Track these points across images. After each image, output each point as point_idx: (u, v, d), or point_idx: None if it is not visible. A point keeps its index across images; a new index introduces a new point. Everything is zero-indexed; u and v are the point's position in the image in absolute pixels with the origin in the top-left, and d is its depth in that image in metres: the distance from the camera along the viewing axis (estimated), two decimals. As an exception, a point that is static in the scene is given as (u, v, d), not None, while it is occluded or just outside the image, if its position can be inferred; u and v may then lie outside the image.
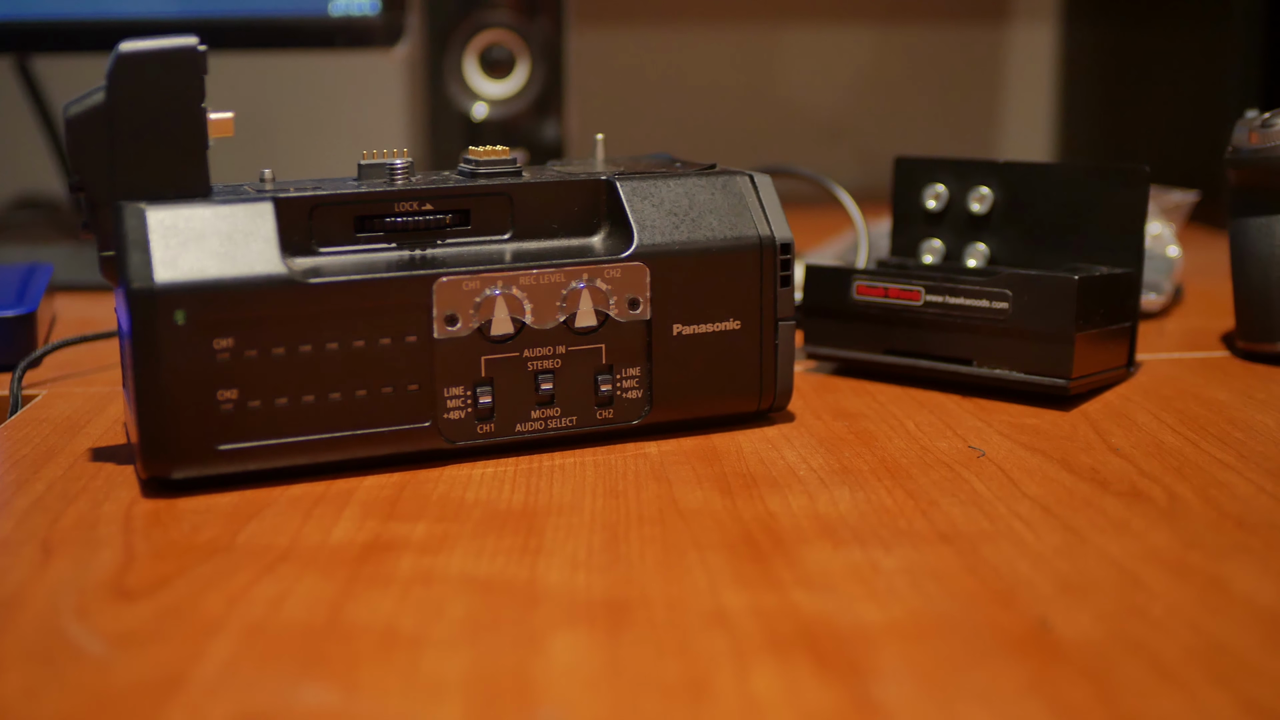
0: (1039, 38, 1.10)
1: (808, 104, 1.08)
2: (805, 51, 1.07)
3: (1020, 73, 1.11)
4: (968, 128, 1.11)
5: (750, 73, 1.07)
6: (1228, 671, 0.29)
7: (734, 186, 0.45)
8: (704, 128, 1.06)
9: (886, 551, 0.36)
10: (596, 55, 1.04)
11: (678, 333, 0.44)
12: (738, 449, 0.44)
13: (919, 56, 1.08)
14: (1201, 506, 0.39)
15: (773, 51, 1.07)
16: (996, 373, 0.48)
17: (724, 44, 1.06)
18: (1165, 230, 0.64)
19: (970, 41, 1.09)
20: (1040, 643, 0.31)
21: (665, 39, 1.05)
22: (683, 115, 1.06)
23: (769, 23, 1.06)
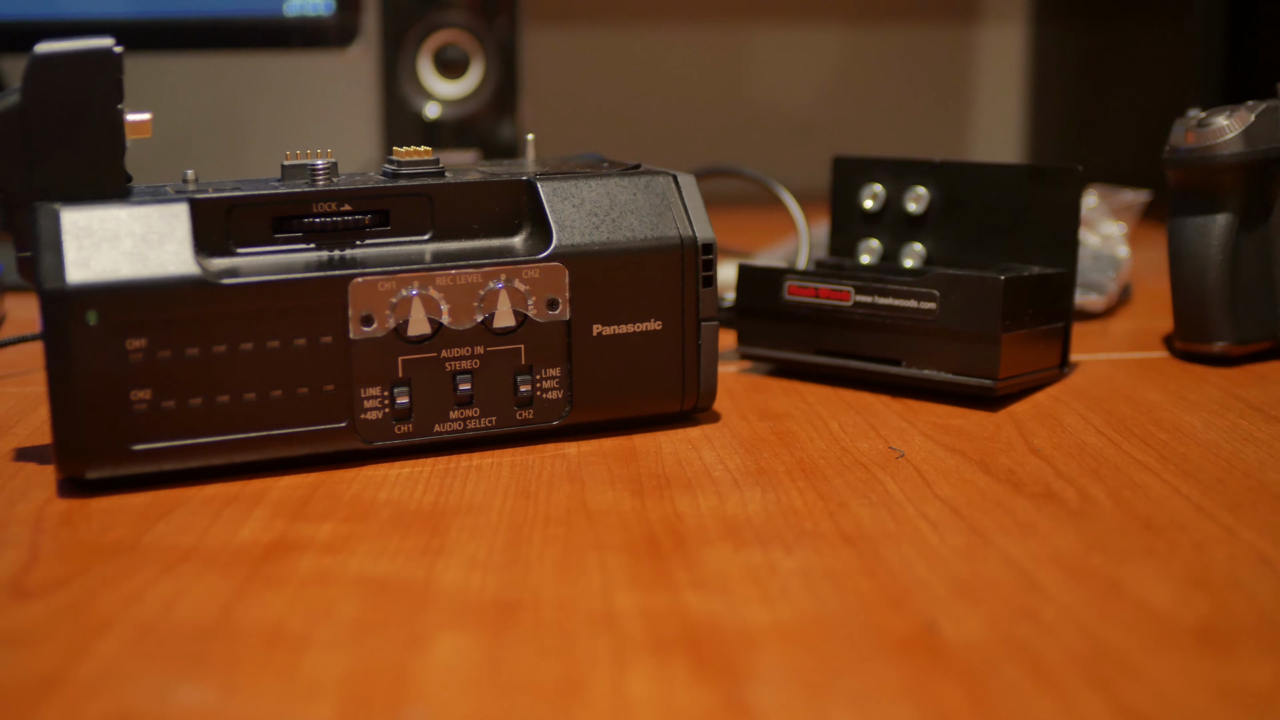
0: (1009, 38, 1.09)
1: (777, 104, 1.08)
2: (774, 51, 1.07)
3: (990, 72, 1.10)
4: (938, 127, 1.11)
5: (719, 73, 1.07)
6: (1108, 675, 0.29)
7: (656, 187, 0.45)
8: (672, 128, 1.06)
9: (787, 553, 0.36)
10: (563, 55, 1.04)
11: (598, 333, 0.43)
12: (657, 449, 0.44)
13: (889, 56, 1.08)
14: (1112, 508, 0.39)
15: (741, 51, 1.07)
16: (925, 373, 0.48)
17: (693, 44, 1.06)
18: (1116, 230, 0.64)
19: (940, 41, 1.09)
20: (924, 645, 0.30)
21: (633, 39, 1.05)
22: (651, 116, 1.06)
23: (738, 22, 1.06)
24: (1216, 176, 0.52)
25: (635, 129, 1.06)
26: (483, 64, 0.71)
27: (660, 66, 1.07)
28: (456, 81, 0.72)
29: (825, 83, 1.09)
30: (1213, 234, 0.52)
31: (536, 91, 1.06)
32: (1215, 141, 0.51)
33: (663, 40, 1.06)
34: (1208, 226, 0.52)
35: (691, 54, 1.07)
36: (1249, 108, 0.52)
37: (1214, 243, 0.52)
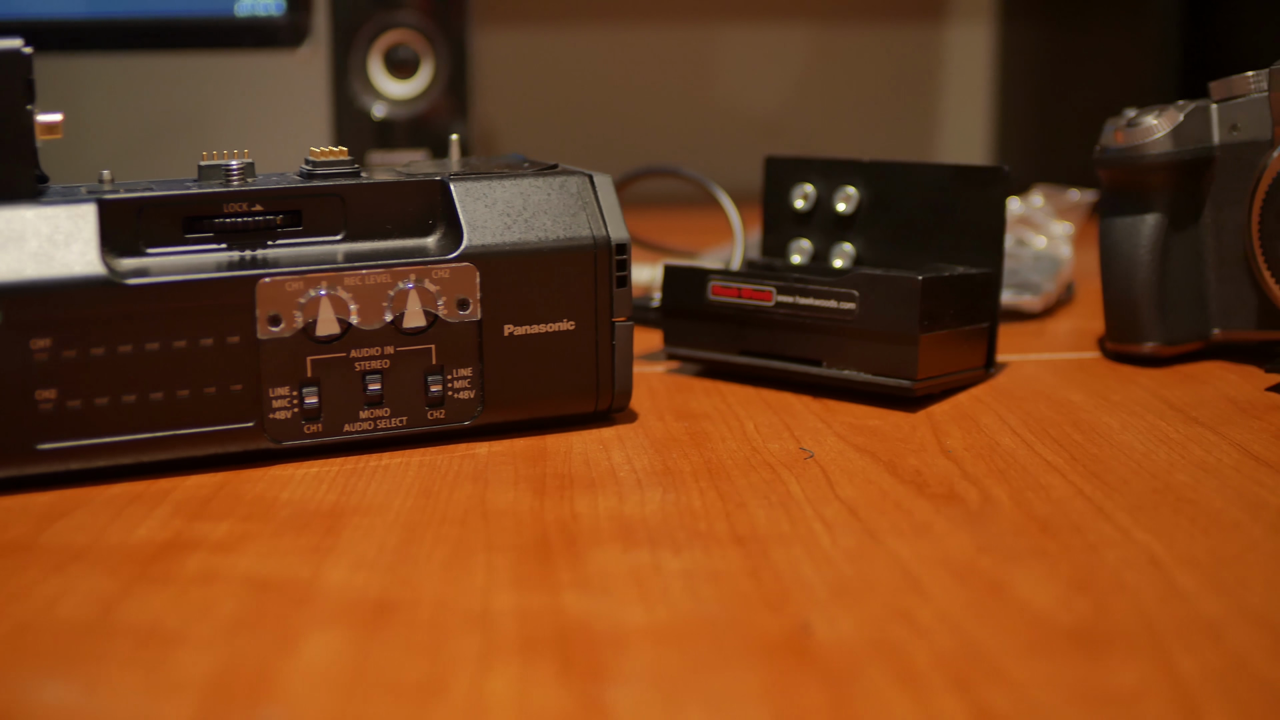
0: (976, 37, 1.09)
1: (743, 104, 1.07)
2: (740, 51, 1.07)
3: (957, 72, 1.10)
4: (905, 127, 1.10)
5: (685, 72, 1.07)
6: (972, 678, 0.29)
7: (570, 187, 0.45)
8: (639, 128, 1.06)
9: (675, 553, 0.36)
10: (530, 56, 1.04)
11: (509, 333, 0.43)
12: (568, 450, 0.44)
13: (856, 56, 1.08)
14: (1011, 509, 0.39)
15: (707, 51, 1.06)
16: (845, 374, 0.47)
17: (659, 44, 1.06)
18: (1063, 230, 0.63)
19: (907, 41, 1.08)
20: (794, 647, 0.30)
21: (599, 39, 1.05)
22: (617, 116, 1.06)
23: (704, 22, 1.06)
24: (1145, 176, 0.51)
25: (601, 129, 1.06)
26: (433, 64, 0.71)
27: (627, 66, 1.07)
28: (407, 81, 0.72)
29: (792, 82, 1.09)
30: (1142, 234, 0.52)
31: (504, 93, 1.07)
32: (1143, 141, 0.51)
33: (629, 40, 1.06)
34: (1136, 227, 0.52)
35: (658, 54, 1.07)
36: (1179, 107, 0.51)
37: (1143, 243, 0.52)
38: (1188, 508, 0.39)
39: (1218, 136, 0.51)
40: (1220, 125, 0.51)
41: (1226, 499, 0.39)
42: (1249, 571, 0.34)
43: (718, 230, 0.84)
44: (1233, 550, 0.36)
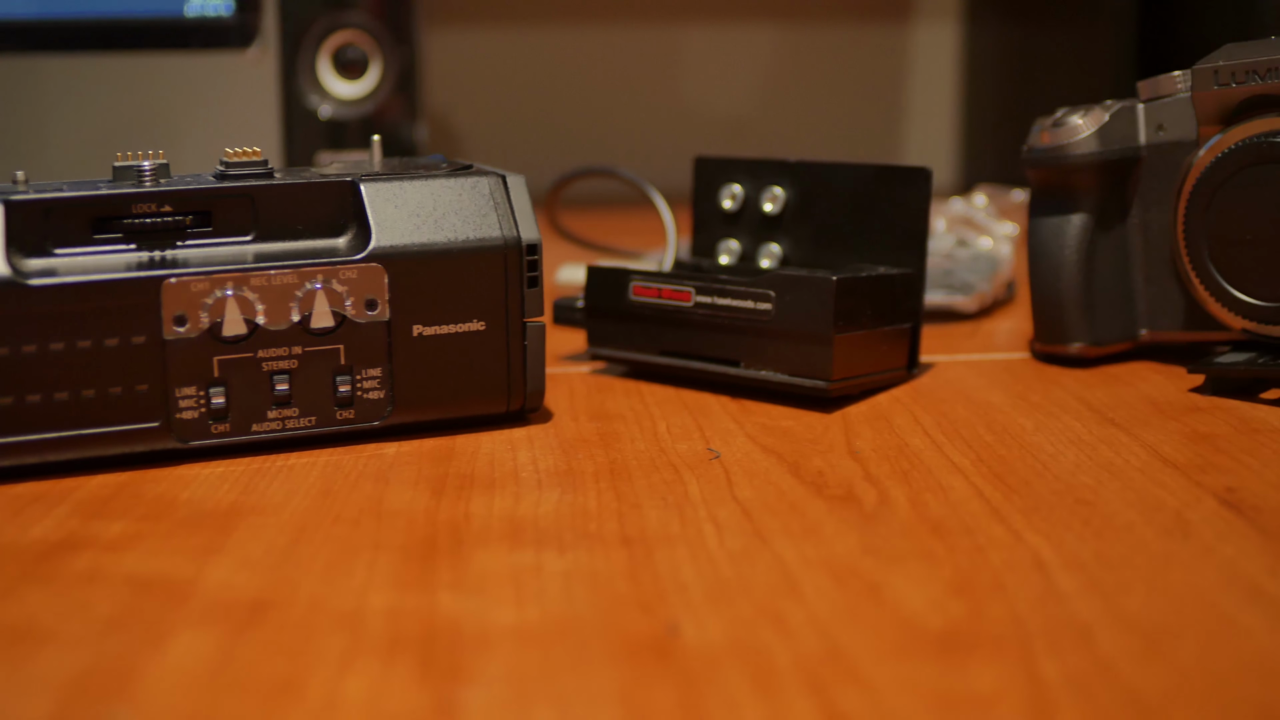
0: (941, 36, 1.09)
1: (709, 104, 1.07)
2: (706, 51, 1.07)
3: (923, 71, 1.09)
4: (871, 127, 1.10)
5: (650, 73, 1.06)
6: (830, 681, 0.29)
7: (482, 188, 0.45)
8: (602, 129, 1.06)
9: (559, 554, 0.36)
10: (496, 56, 1.04)
11: (418, 334, 0.44)
12: (476, 450, 0.44)
13: (822, 56, 1.07)
14: (907, 510, 0.38)
15: (673, 51, 1.06)
16: (762, 374, 0.47)
17: (624, 44, 1.06)
18: (1007, 230, 0.63)
19: (873, 40, 1.08)
20: (657, 649, 0.30)
21: (564, 40, 1.05)
22: (582, 116, 1.05)
23: (669, 22, 1.05)
24: (1071, 176, 0.51)
25: (566, 130, 1.05)
26: (381, 64, 0.71)
27: (592, 67, 1.06)
28: (356, 82, 0.72)
29: (758, 82, 1.08)
30: (1068, 234, 0.51)
31: (476, 93, 1.07)
32: (1068, 141, 0.51)
33: (595, 41, 1.06)
34: (1063, 227, 0.52)
35: (623, 54, 1.07)
36: (1105, 107, 0.51)
37: (1069, 243, 0.51)
38: (1084, 510, 0.38)
39: (1144, 137, 0.51)
40: (1147, 125, 0.51)
41: (1125, 501, 0.39)
42: (1132, 575, 0.34)
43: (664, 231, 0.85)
44: (1120, 553, 0.35)
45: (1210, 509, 0.39)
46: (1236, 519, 0.38)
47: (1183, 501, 0.39)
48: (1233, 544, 0.36)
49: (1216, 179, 0.49)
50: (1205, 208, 0.49)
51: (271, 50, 0.69)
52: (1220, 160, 0.48)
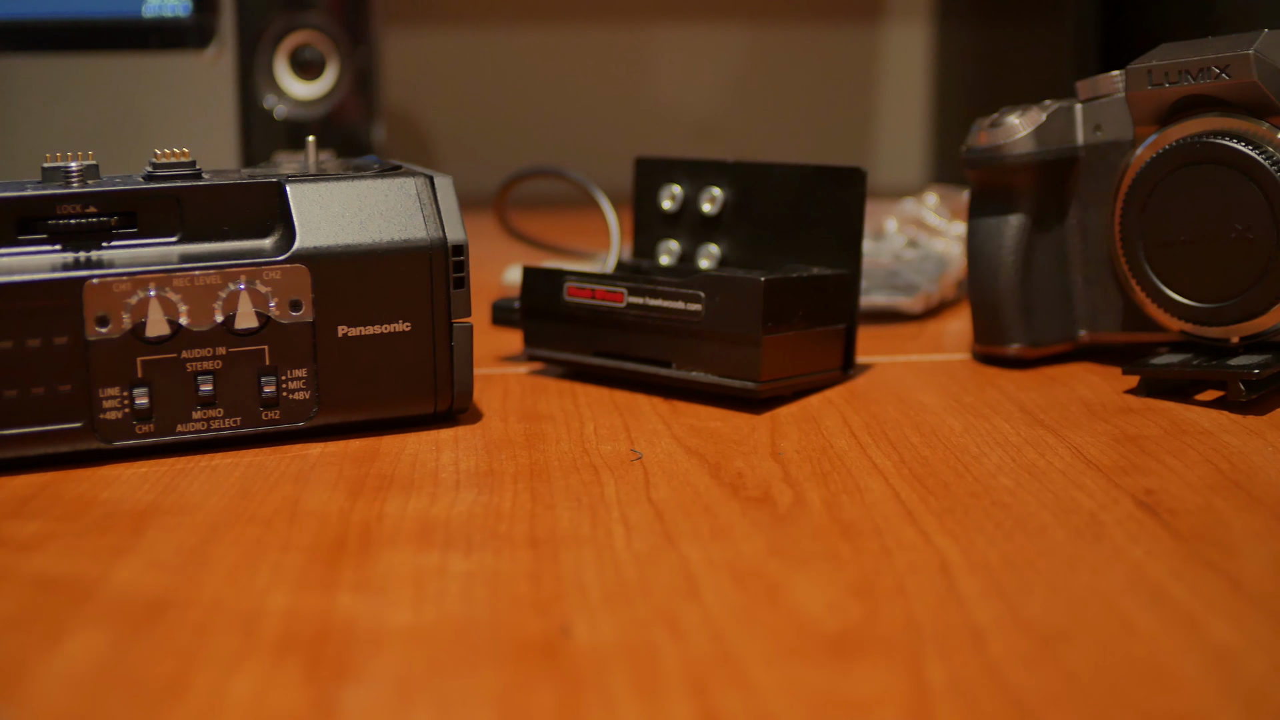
0: (912, 37, 1.08)
1: (678, 104, 1.07)
2: (676, 51, 1.06)
3: (894, 71, 1.09)
4: (842, 127, 1.10)
5: (618, 73, 1.06)
6: (713, 683, 0.29)
7: (408, 189, 0.45)
8: (570, 129, 1.05)
9: (465, 555, 0.36)
10: (462, 57, 1.04)
11: (343, 334, 0.43)
12: (400, 451, 0.44)
13: (792, 56, 1.07)
14: (820, 511, 0.38)
15: (642, 51, 1.06)
16: (693, 375, 0.47)
17: (593, 44, 1.05)
18: (955, 230, 0.63)
19: (844, 41, 1.08)
20: (547, 650, 0.30)
21: (533, 40, 1.04)
22: (550, 117, 1.05)
23: (638, 23, 1.05)
24: (1008, 177, 0.51)
25: (533, 131, 1.05)
26: (338, 65, 0.71)
27: (562, 67, 1.06)
28: (313, 82, 0.72)
29: (728, 82, 1.08)
30: (1005, 235, 0.51)
31: (439, 94, 1.06)
32: (1006, 141, 0.51)
33: (565, 41, 1.06)
34: (1000, 228, 0.51)
35: (592, 54, 1.06)
36: (1043, 107, 0.51)
37: (1006, 244, 0.51)
38: (999, 512, 0.38)
39: (1082, 137, 0.51)
40: (1085, 125, 0.51)
41: (1041, 503, 0.39)
42: (1035, 578, 0.34)
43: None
44: (1027, 555, 0.35)
45: (1126, 511, 0.38)
46: (1151, 521, 0.38)
47: (1099, 504, 0.39)
48: (1143, 546, 0.36)
49: (1151, 179, 0.48)
50: (1141, 208, 0.49)
51: (229, 51, 0.69)
52: (1155, 161, 0.48)
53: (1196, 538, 0.37)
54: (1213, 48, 0.47)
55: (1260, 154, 0.46)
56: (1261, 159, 0.46)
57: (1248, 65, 0.46)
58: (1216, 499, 0.39)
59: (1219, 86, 0.47)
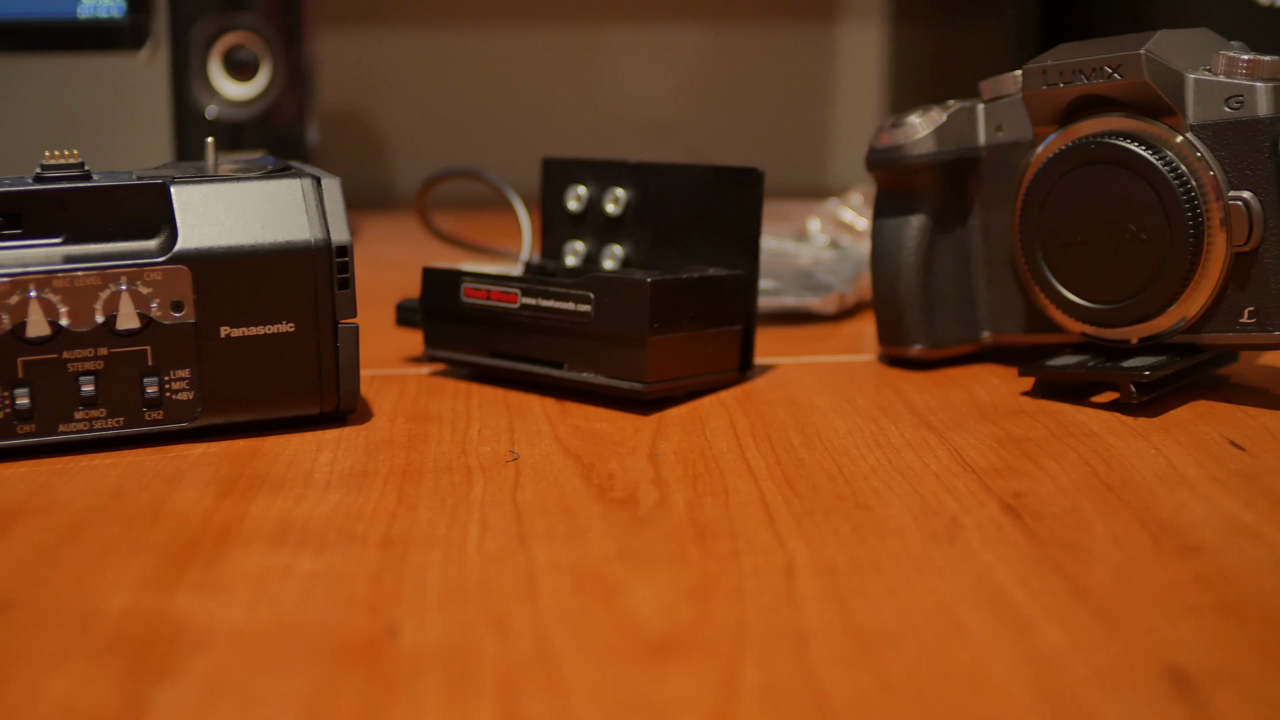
0: (867, 37, 1.08)
1: (634, 104, 1.07)
2: (630, 51, 1.06)
3: (849, 71, 1.09)
4: (798, 127, 1.09)
5: (574, 74, 1.06)
6: (525, 686, 0.29)
7: (293, 189, 0.45)
8: (526, 131, 1.05)
9: (315, 555, 0.36)
10: (415, 58, 1.03)
11: (226, 335, 0.44)
12: (281, 451, 0.44)
13: (747, 56, 1.07)
14: (681, 514, 0.38)
15: (597, 51, 1.06)
16: (583, 376, 0.47)
17: (549, 45, 1.05)
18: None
19: (799, 41, 1.07)
20: (369, 651, 0.30)
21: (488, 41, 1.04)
22: (504, 117, 1.05)
23: (593, 23, 1.05)
24: (909, 177, 0.51)
25: (488, 132, 1.05)
26: (271, 66, 0.72)
27: (517, 68, 1.06)
28: (247, 83, 0.73)
29: (683, 82, 1.08)
30: (906, 236, 0.51)
31: (389, 96, 1.06)
32: (906, 141, 0.50)
33: (520, 41, 1.05)
34: (902, 228, 0.51)
35: (544, 55, 1.06)
36: (944, 107, 0.51)
37: (908, 244, 0.51)
38: (860, 514, 0.38)
39: (984, 137, 0.51)
40: (986, 125, 0.51)
41: (906, 505, 0.39)
42: (878, 581, 0.34)
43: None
44: (876, 558, 0.35)
45: (989, 514, 0.38)
46: (1011, 524, 0.37)
47: (964, 506, 0.39)
48: (996, 550, 0.36)
49: (1048, 180, 0.48)
50: (1039, 209, 0.49)
51: (163, 52, 0.70)
52: (1051, 161, 0.48)
53: (1054, 541, 0.37)
54: (1107, 47, 0.47)
55: (1153, 154, 0.46)
56: (1154, 159, 0.46)
57: (1139, 65, 0.46)
58: (1085, 502, 0.39)
59: (1112, 86, 0.46)
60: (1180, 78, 0.46)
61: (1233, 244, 0.46)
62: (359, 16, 1.01)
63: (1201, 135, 0.46)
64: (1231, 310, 0.47)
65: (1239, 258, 0.46)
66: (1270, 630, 0.31)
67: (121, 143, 0.67)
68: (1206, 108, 0.46)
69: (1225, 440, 0.44)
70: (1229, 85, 0.45)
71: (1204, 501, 0.39)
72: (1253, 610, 0.32)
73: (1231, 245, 0.46)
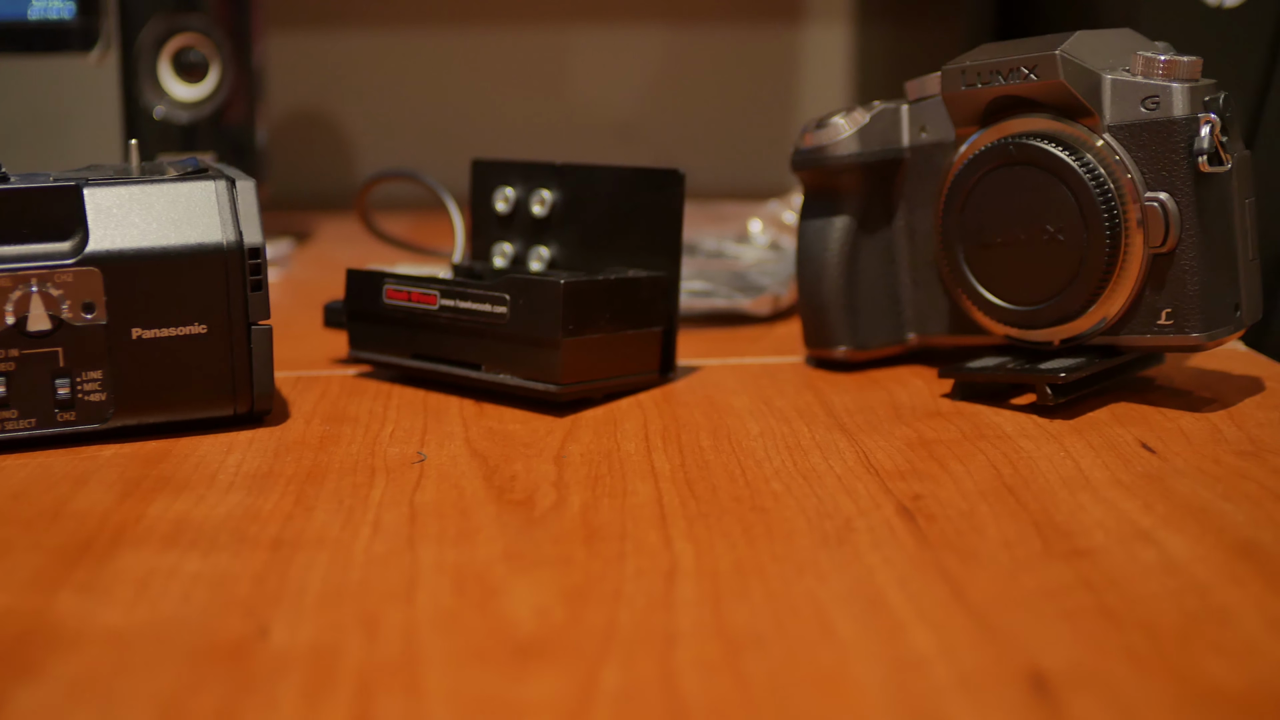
0: (832, 37, 1.08)
1: (597, 107, 1.07)
2: (594, 52, 1.06)
3: (814, 72, 1.08)
4: (763, 128, 1.09)
5: (538, 76, 1.06)
6: (383, 687, 0.29)
7: (207, 192, 0.45)
8: (488, 131, 1.05)
9: (203, 556, 0.36)
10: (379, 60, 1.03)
11: (138, 336, 0.44)
12: (191, 452, 0.44)
13: (712, 56, 1.06)
14: (575, 515, 0.38)
15: (561, 52, 1.05)
16: (500, 378, 0.47)
17: (514, 46, 1.05)
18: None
19: (764, 41, 1.07)
20: (236, 652, 0.30)
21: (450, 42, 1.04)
22: (469, 119, 1.05)
23: (555, 24, 1.05)
24: (833, 178, 0.51)
25: (449, 133, 1.05)
26: (220, 67, 0.72)
27: (475, 69, 1.06)
28: (197, 85, 0.73)
29: (647, 84, 1.08)
30: (830, 237, 0.51)
31: (348, 97, 1.06)
32: (829, 143, 0.50)
33: (483, 43, 1.05)
34: (826, 229, 0.51)
35: (507, 57, 1.06)
36: (868, 108, 0.51)
37: (831, 246, 0.51)
38: (754, 517, 0.38)
39: (907, 138, 0.51)
40: (911, 126, 0.51)
41: (803, 508, 0.39)
42: (758, 583, 0.34)
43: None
44: (761, 561, 0.35)
45: (883, 517, 0.38)
46: (904, 527, 0.37)
47: (860, 509, 0.39)
48: (883, 553, 0.36)
49: (968, 181, 0.48)
50: (960, 211, 0.49)
51: (113, 53, 0.70)
52: (971, 162, 0.48)
53: (943, 544, 0.36)
54: (1025, 48, 0.47)
55: (1069, 155, 0.46)
56: (1070, 160, 0.46)
57: (1054, 66, 0.45)
58: (983, 505, 0.39)
59: (1029, 87, 0.46)
60: (1097, 78, 0.46)
61: (1150, 245, 0.46)
62: (318, 18, 1.01)
63: (1119, 136, 0.46)
64: (1150, 312, 0.46)
65: (1157, 259, 0.46)
66: (1144, 634, 0.31)
67: (72, 144, 0.68)
68: (1123, 108, 0.46)
69: (1138, 443, 0.44)
70: (1146, 86, 0.45)
71: (1103, 504, 0.39)
72: (1130, 614, 0.32)
73: (1149, 247, 0.46)
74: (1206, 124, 0.44)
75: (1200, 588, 0.34)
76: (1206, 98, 0.45)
